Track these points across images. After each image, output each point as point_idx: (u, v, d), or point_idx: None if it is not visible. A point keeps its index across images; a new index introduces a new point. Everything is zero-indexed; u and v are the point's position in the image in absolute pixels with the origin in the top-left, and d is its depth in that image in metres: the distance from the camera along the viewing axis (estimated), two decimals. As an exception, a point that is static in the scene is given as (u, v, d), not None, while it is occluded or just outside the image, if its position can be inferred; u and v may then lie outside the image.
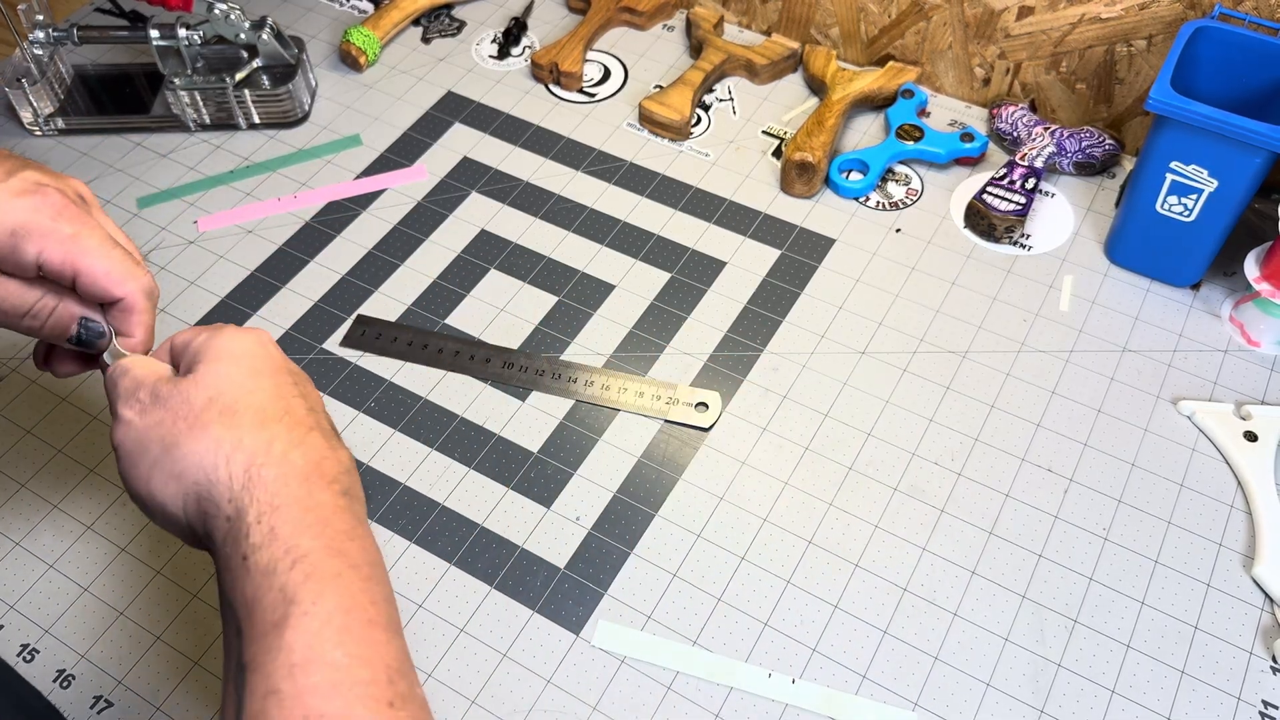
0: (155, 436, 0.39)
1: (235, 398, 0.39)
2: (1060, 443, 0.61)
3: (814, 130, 0.75)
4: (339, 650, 0.33)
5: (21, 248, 0.40)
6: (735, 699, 0.51)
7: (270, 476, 0.37)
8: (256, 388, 0.39)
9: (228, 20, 0.76)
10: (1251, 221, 0.69)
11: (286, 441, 0.38)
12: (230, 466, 0.37)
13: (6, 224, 0.40)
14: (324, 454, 0.39)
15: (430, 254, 0.72)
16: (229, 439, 0.38)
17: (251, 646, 0.34)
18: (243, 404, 0.39)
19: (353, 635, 0.34)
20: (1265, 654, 0.53)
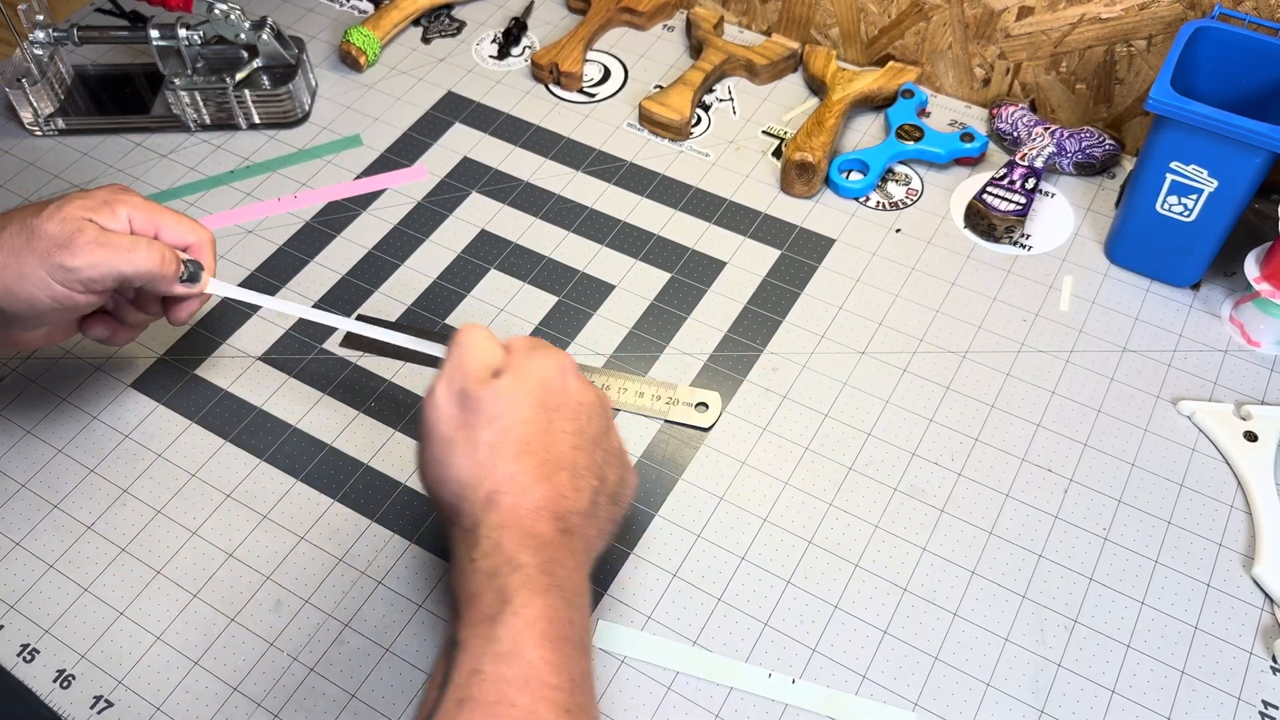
0: (444, 431, 0.45)
1: (509, 425, 0.45)
2: (1060, 443, 0.61)
3: (814, 130, 0.75)
4: (536, 652, 0.38)
5: (115, 211, 0.52)
6: (735, 699, 0.51)
7: (507, 504, 0.43)
8: (531, 419, 0.45)
9: (228, 20, 0.76)
10: (1251, 221, 0.69)
11: (531, 477, 0.44)
12: (480, 490, 0.44)
13: (99, 196, 0.53)
14: (562, 494, 0.44)
15: (430, 254, 0.72)
16: (487, 464, 0.44)
17: (466, 630, 0.40)
18: (513, 433, 0.45)
19: (550, 643, 0.39)
20: (1265, 654, 0.53)
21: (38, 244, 0.50)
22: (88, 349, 0.66)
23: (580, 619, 0.42)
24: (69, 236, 0.50)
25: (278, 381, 0.65)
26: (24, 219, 0.51)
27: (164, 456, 0.61)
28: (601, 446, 0.47)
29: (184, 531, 0.58)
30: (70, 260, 0.50)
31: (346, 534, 0.58)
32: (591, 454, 0.46)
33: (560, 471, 0.45)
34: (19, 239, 0.50)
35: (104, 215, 0.52)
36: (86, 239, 0.50)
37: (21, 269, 0.50)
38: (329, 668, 0.53)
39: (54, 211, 0.51)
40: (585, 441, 0.46)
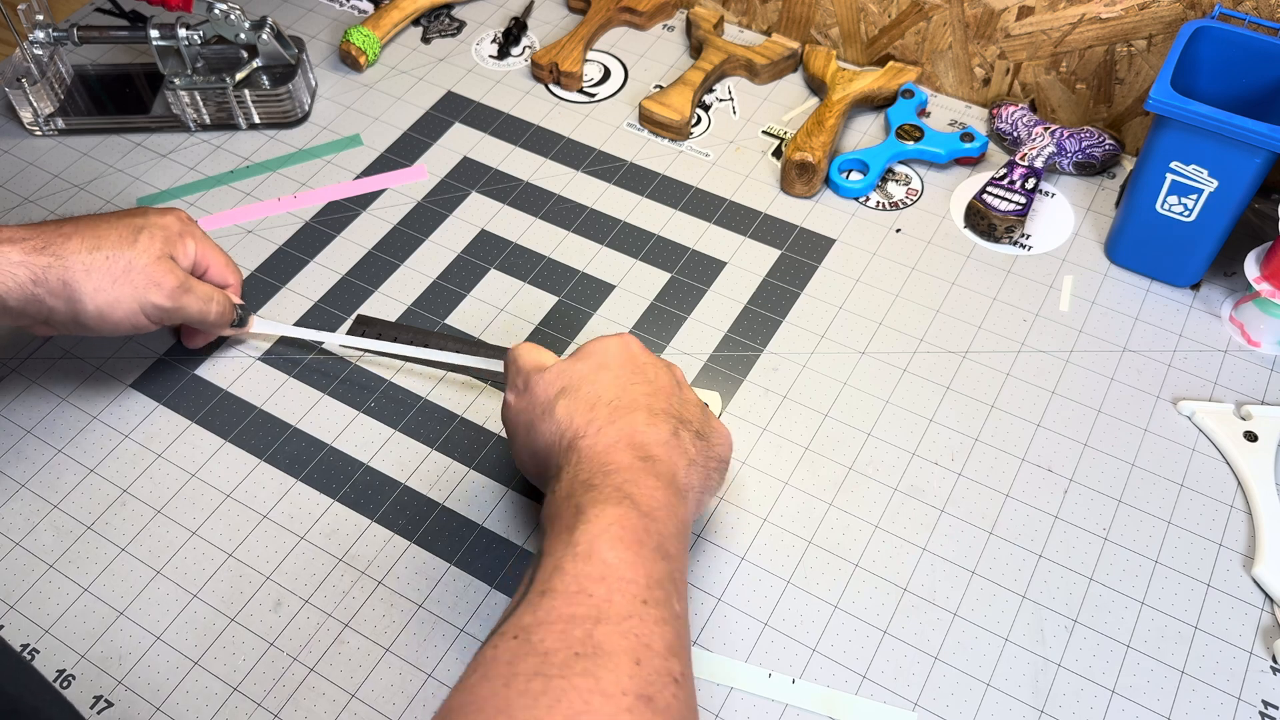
0: (522, 420, 0.51)
1: (577, 385, 0.50)
2: (1060, 443, 0.61)
3: (814, 130, 0.75)
4: (612, 552, 0.41)
5: (186, 244, 0.59)
6: (735, 699, 0.51)
7: (585, 445, 0.47)
8: (597, 378, 0.50)
9: (228, 20, 0.76)
10: (1251, 221, 0.69)
11: (605, 419, 0.48)
12: (562, 440, 0.48)
13: (175, 230, 0.59)
14: (637, 428, 0.48)
15: (430, 254, 0.72)
16: (564, 418, 0.49)
17: (548, 540, 0.44)
18: (583, 390, 0.49)
19: (625, 544, 0.42)
20: (1265, 654, 0.53)
21: (135, 278, 0.56)
22: (87, 349, 0.66)
23: (661, 529, 0.44)
24: (160, 277, 0.56)
25: (278, 381, 0.64)
26: (118, 245, 0.56)
27: (164, 456, 0.61)
28: (675, 395, 0.51)
29: (184, 531, 0.58)
30: (163, 302, 0.57)
31: (346, 534, 0.58)
32: (666, 400, 0.50)
33: (635, 412, 0.48)
34: (117, 267, 0.55)
35: (179, 250, 0.59)
36: (174, 283, 0.57)
37: (117, 296, 0.55)
38: (329, 668, 0.53)
39: (147, 244, 0.56)
40: (656, 389, 0.50)
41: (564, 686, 0.36)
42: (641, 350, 0.52)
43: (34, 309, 0.55)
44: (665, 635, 0.40)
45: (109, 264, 0.55)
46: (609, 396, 0.49)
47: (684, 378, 0.53)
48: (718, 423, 0.53)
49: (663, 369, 0.52)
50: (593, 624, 0.38)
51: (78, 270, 0.54)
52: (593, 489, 0.44)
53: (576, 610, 0.39)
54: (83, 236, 0.55)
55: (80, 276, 0.54)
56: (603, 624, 0.38)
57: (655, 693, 0.37)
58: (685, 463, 0.48)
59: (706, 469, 0.50)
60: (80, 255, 0.55)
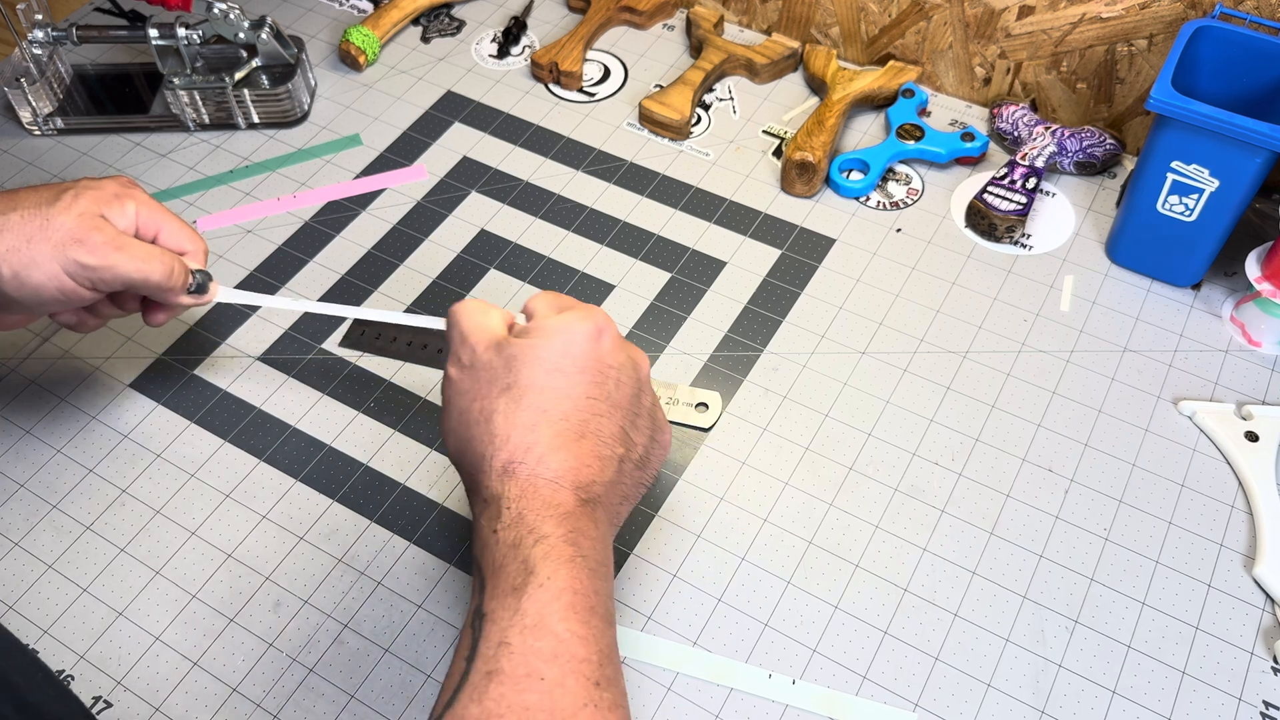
0: (459, 404, 0.45)
1: (526, 390, 0.44)
2: (1061, 443, 0.61)
3: (814, 130, 0.75)
4: (563, 625, 0.38)
5: (124, 205, 0.53)
6: (735, 699, 0.51)
7: (524, 474, 0.42)
8: (549, 385, 0.44)
9: (227, 20, 0.76)
10: (1252, 221, 0.69)
11: (547, 446, 0.43)
12: (496, 460, 0.43)
13: (109, 191, 0.53)
14: (583, 463, 0.43)
15: (430, 254, 0.71)
16: (501, 433, 0.43)
17: (492, 601, 0.40)
18: (528, 399, 0.44)
19: (577, 615, 0.39)
20: (1266, 654, 0.53)
21: (53, 234, 0.50)
22: (87, 349, 0.66)
23: (605, 589, 0.41)
24: (85, 233, 0.50)
25: (277, 381, 0.64)
26: (37, 205, 0.50)
27: (163, 456, 0.61)
28: (630, 410, 0.46)
29: (183, 532, 0.58)
30: (86, 258, 0.50)
31: (346, 534, 0.57)
32: (618, 419, 0.45)
33: (582, 440, 0.44)
34: (32, 224, 0.50)
35: (114, 210, 0.52)
36: (103, 239, 0.51)
37: (33, 256, 0.50)
38: (328, 668, 0.52)
39: (70, 203, 0.51)
40: (610, 407, 0.45)
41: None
42: (611, 345, 0.46)
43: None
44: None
45: (23, 222, 0.50)
46: (556, 414, 0.44)
47: (648, 373, 0.48)
48: (663, 432, 0.49)
49: (627, 371, 0.46)
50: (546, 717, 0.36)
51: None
52: (542, 540, 0.41)
53: (528, 699, 0.36)
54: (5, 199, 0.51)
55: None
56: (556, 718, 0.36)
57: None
58: (619, 500, 0.45)
59: (633, 498, 0.47)
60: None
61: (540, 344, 0.45)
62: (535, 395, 0.44)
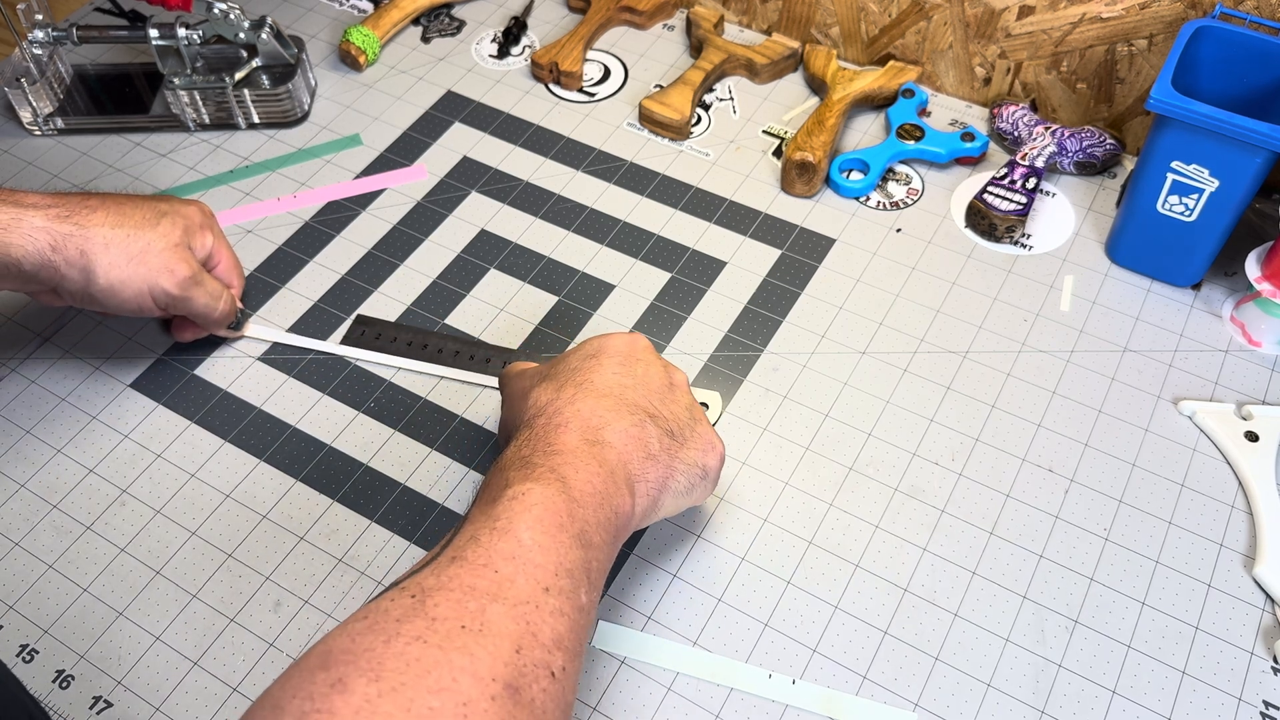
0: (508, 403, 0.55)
1: (560, 371, 0.51)
2: (1061, 443, 0.61)
3: (814, 130, 0.75)
4: (529, 533, 0.41)
5: (204, 237, 0.61)
6: (735, 699, 0.51)
7: (540, 422, 0.48)
8: (581, 365, 0.50)
9: (227, 20, 0.76)
10: (1252, 221, 0.69)
11: (568, 400, 0.48)
12: (525, 415, 0.49)
13: (196, 220, 0.61)
14: (596, 412, 0.48)
15: (430, 254, 0.71)
16: (535, 397, 0.49)
17: (472, 509, 0.44)
18: (561, 374, 0.50)
19: (543, 527, 0.42)
20: (1266, 654, 0.53)
21: (151, 260, 0.57)
22: (87, 349, 0.66)
23: (588, 516, 0.43)
24: (174, 264, 0.58)
25: (277, 381, 0.64)
26: (140, 225, 0.57)
27: (163, 457, 0.61)
28: (657, 391, 0.50)
29: (184, 531, 0.58)
30: (173, 290, 0.58)
31: (346, 534, 0.57)
32: (644, 394, 0.49)
33: (602, 398, 0.48)
34: (135, 246, 0.56)
35: (197, 241, 0.60)
36: (188, 273, 0.58)
37: (130, 275, 0.56)
38: (329, 668, 0.52)
39: (168, 230, 0.58)
40: (639, 384, 0.50)
41: (439, 658, 0.36)
42: (646, 349, 0.52)
43: (47, 275, 0.56)
44: (556, 627, 0.39)
45: (128, 242, 0.56)
46: (581, 379, 0.49)
47: (685, 382, 0.52)
48: (708, 432, 0.51)
49: (658, 368, 0.51)
50: (489, 600, 0.38)
51: (97, 243, 0.55)
52: (528, 466, 0.44)
53: (478, 582, 0.39)
54: (108, 211, 0.56)
55: (99, 249, 0.55)
56: (498, 602, 0.38)
57: (525, 684, 0.37)
58: (643, 455, 0.48)
59: (671, 468, 0.49)
60: (102, 229, 0.56)
61: (575, 348, 0.52)
62: (567, 373, 0.50)
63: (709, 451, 0.51)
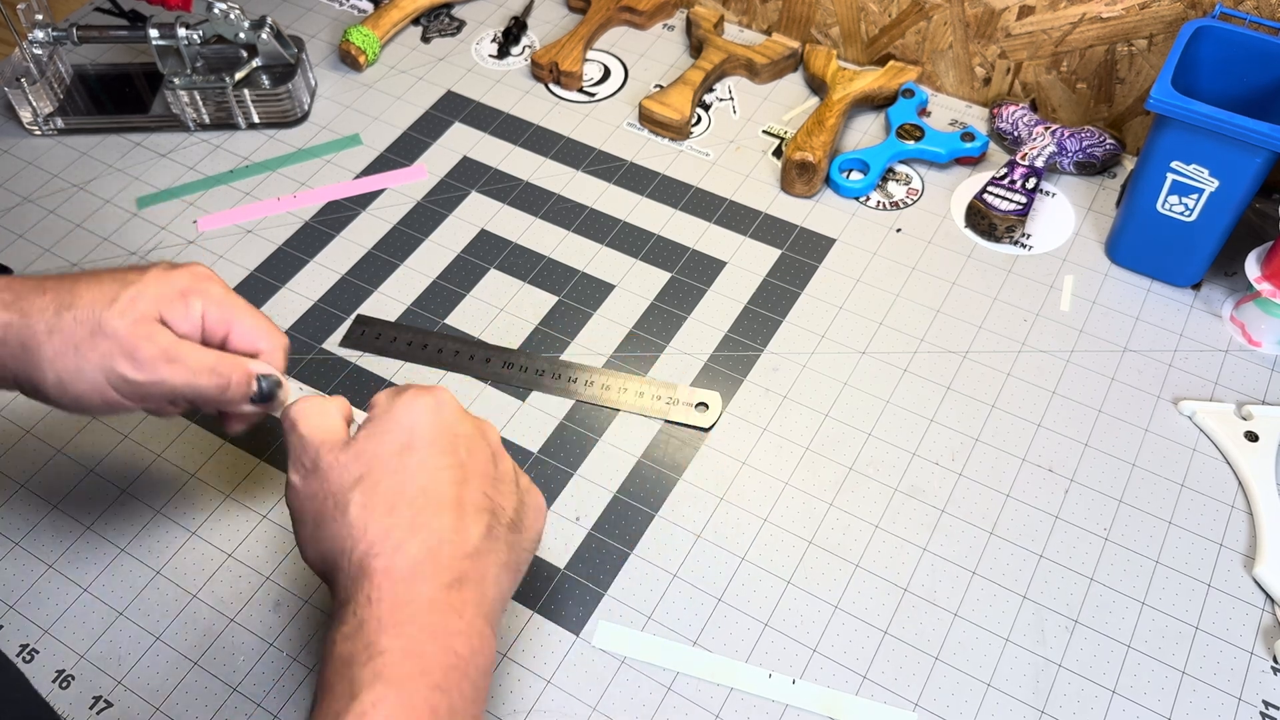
0: (310, 509, 0.43)
1: (379, 477, 0.42)
2: (1061, 443, 0.61)
3: (814, 130, 0.75)
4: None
5: (190, 304, 0.47)
6: (735, 699, 0.51)
7: (378, 568, 0.39)
8: (401, 466, 0.42)
9: (227, 20, 0.76)
10: (1252, 221, 0.69)
11: (406, 529, 0.40)
12: (351, 556, 0.40)
13: (175, 287, 0.47)
14: (444, 539, 0.40)
15: (430, 254, 0.71)
16: (358, 525, 0.40)
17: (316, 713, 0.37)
18: (383, 484, 0.41)
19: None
20: (1266, 654, 0.53)
21: (101, 343, 0.45)
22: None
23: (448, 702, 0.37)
24: (135, 343, 0.45)
25: (277, 381, 0.64)
26: (94, 303, 0.45)
27: (164, 457, 0.61)
28: (489, 474, 0.44)
29: (184, 531, 0.58)
30: (132, 373, 0.45)
31: (346, 534, 0.57)
32: (477, 484, 0.43)
33: (442, 514, 0.41)
34: (82, 329, 0.45)
35: (177, 311, 0.47)
36: (154, 351, 0.46)
37: (79, 364, 0.45)
38: (329, 668, 0.52)
39: (127, 306, 0.45)
40: (469, 474, 0.43)
41: None
42: (455, 413, 0.45)
43: None
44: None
45: (75, 326, 0.45)
46: (412, 492, 0.41)
47: (499, 439, 0.46)
48: (531, 492, 0.46)
49: (477, 437, 0.45)
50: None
51: (39, 332, 0.45)
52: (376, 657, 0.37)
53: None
54: (59, 291, 0.46)
55: (41, 339, 0.45)
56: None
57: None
58: (496, 569, 0.42)
59: (517, 565, 0.44)
60: (45, 315, 0.45)
61: (383, 428, 0.43)
62: (390, 478, 0.42)
63: (539, 515, 0.46)
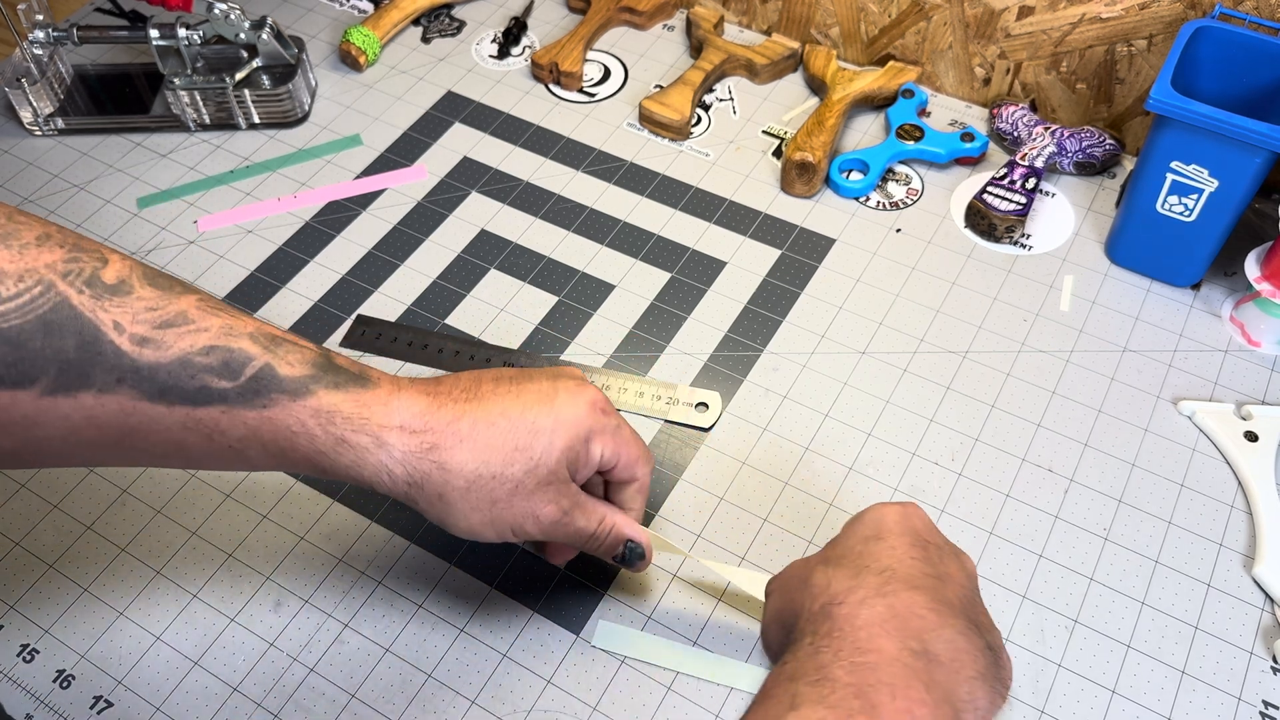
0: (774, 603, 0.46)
1: (841, 555, 0.42)
2: (1060, 443, 0.61)
3: (814, 130, 0.75)
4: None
5: (592, 450, 0.46)
6: (735, 699, 0.51)
7: (841, 614, 0.38)
8: (866, 549, 0.42)
9: (228, 20, 0.76)
10: (1252, 221, 0.69)
11: (872, 590, 0.39)
12: (814, 603, 0.40)
13: (583, 431, 0.46)
14: (915, 611, 0.38)
15: (430, 254, 0.72)
16: (821, 583, 0.41)
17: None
18: (848, 560, 0.42)
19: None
20: (1266, 654, 0.53)
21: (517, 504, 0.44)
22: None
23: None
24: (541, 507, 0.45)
25: (277, 381, 0.64)
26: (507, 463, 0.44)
27: (164, 456, 0.61)
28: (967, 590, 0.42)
29: (184, 531, 0.58)
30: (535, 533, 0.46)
31: (346, 534, 0.57)
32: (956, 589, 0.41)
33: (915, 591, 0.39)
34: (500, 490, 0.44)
35: (580, 459, 0.46)
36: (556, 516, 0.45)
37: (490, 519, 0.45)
38: (329, 668, 0.52)
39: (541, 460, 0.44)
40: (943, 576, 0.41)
41: None
42: (926, 524, 0.44)
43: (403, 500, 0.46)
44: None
45: (492, 485, 0.44)
46: (880, 566, 0.40)
47: (976, 571, 0.44)
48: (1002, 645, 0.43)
49: (950, 555, 0.43)
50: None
51: (457, 488, 0.44)
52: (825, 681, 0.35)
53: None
54: (475, 443, 0.44)
55: (458, 495, 0.44)
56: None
57: None
58: (972, 673, 0.37)
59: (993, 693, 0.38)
60: (465, 470, 0.44)
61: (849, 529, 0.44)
62: (855, 558, 0.41)
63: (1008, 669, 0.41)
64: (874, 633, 0.36)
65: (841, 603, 0.39)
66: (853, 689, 0.34)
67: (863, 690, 0.34)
